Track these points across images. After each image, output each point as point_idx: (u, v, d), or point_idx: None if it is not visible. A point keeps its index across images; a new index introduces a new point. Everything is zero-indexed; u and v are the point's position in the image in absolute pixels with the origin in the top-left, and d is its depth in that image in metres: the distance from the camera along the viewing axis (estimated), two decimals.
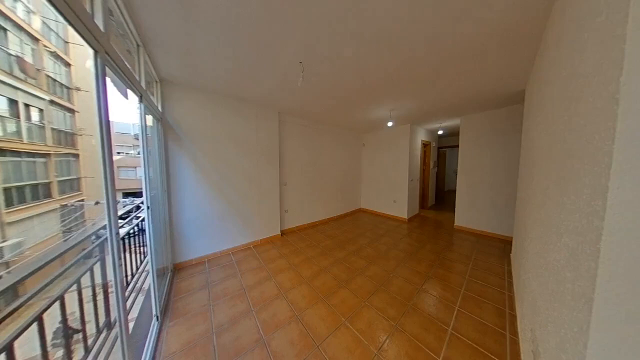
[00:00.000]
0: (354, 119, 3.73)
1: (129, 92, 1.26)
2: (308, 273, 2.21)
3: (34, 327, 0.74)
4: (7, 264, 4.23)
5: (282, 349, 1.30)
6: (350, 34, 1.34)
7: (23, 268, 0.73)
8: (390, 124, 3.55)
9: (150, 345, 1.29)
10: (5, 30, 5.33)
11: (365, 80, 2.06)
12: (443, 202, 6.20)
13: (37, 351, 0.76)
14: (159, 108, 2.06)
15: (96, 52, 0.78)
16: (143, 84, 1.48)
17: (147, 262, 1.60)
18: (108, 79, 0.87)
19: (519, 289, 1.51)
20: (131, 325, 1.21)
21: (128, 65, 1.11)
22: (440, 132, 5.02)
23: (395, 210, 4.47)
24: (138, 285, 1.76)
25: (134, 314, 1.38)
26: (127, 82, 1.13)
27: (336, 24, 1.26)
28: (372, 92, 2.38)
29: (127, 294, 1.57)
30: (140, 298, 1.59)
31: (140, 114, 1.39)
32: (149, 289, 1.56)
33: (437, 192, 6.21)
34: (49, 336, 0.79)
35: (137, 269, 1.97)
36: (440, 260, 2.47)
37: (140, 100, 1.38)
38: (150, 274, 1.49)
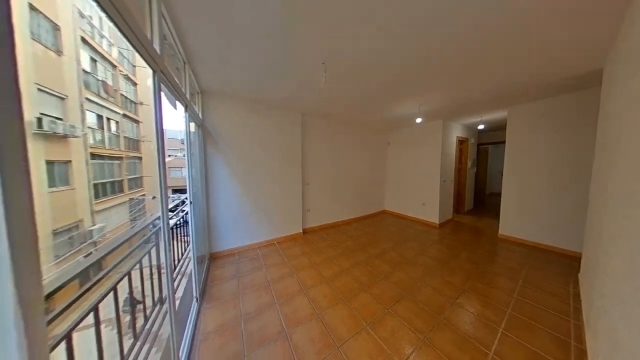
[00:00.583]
0: (378, 116, 3.58)
1: (177, 103, 1.47)
2: (329, 273, 2.21)
3: (111, 295, 0.94)
4: (95, 243, 5.41)
5: (303, 344, 1.33)
6: (376, 27, 1.29)
7: (104, 247, 0.92)
8: (419, 120, 3.29)
9: (191, 322, 1.48)
10: (95, 60, 6.84)
11: (393, 75, 1.96)
12: (483, 206, 5.44)
13: (113, 314, 0.95)
14: (200, 116, 2.34)
15: (154, 72, 0.94)
16: (188, 96, 1.71)
17: (190, 250, 1.85)
18: (162, 93, 1.04)
19: (591, 317, 1.23)
20: (177, 303, 1.42)
21: (177, 81, 1.30)
22: (480, 127, 4.42)
23: (424, 214, 4.13)
24: (183, 269, 2.04)
25: (179, 294, 1.61)
26: (176, 95, 1.33)
27: (361, 22, 1.23)
28: (400, 86, 2.24)
29: (174, 275, 1.83)
30: (184, 281, 1.84)
31: (185, 121, 1.61)
32: (190, 273, 1.79)
33: (476, 195, 5.45)
34: (120, 303, 0.98)
35: (182, 255, 2.29)
36: (479, 273, 2.18)
37: (186, 110, 1.60)
38: (192, 260, 1.71)
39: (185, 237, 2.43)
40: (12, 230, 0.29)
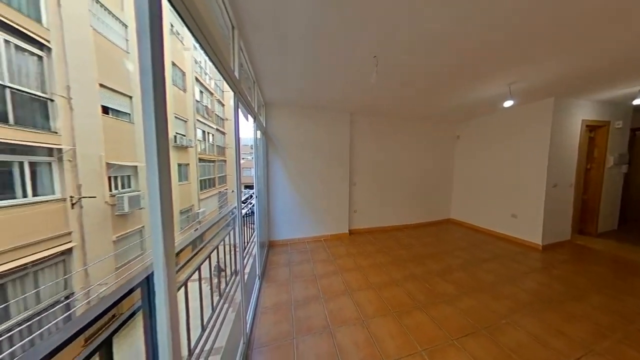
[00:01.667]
0: (444, 106, 3.00)
1: (249, 116, 1.82)
2: (376, 280, 2.08)
3: (207, 261, 1.29)
4: (199, 222, 7.57)
5: (347, 346, 1.32)
6: (439, 4, 1.09)
7: (204, 226, 1.28)
8: (508, 103, 2.48)
9: (254, 295, 1.79)
10: (202, 92, 9.59)
11: (464, 54, 1.59)
12: (638, 226, 3.42)
13: (207, 275, 1.31)
14: (264, 124, 2.79)
15: (234, 93, 1.21)
16: (256, 108, 2.07)
17: (255, 236, 2.26)
18: (239, 110, 1.32)
19: None
20: (246, 277, 1.76)
21: (248, 98, 1.61)
22: (636, 102, 2.77)
23: (514, 229, 3.09)
24: (250, 251, 2.51)
25: (247, 270, 1.99)
26: (248, 109, 1.64)
27: (417, 6, 1.07)
28: (480, 63, 1.78)
29: (244, 254, 2.28)
30: (251, 260, 2.26)
31: (254, 130, 1.97)
32: (255, 255, 2.18)
33: (623, 209, 3.49)
34: (211, 268, 1.33)
35: (249, 239, 2.82)
36: (628, 332, 1.40)
37: (254, 121, 1.95)
38: (256, 244, 2.07)
39: (252, 225, 2.97)
40: (163, 208, 0.46)
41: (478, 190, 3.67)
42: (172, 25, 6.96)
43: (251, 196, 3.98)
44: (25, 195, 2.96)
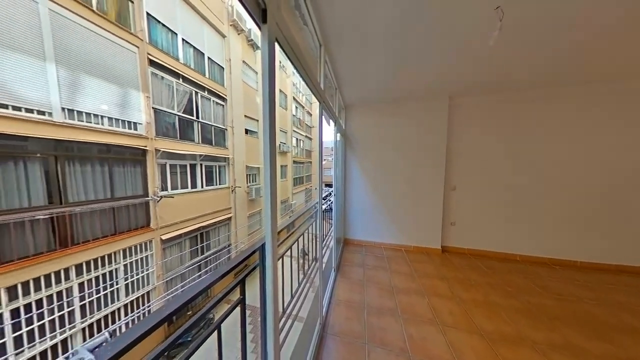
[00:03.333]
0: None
1: (330, 120, 2.00)
2: (488, 326, 1.48)
3: (295, 244, 1.60)
4: (292, 211, 9.56)
5: None
6: None
7: (295, 215, 1.59)
8: None
9: (330, 286, 1.96)
10: (296, 107, 11.96)
11: None
12: None
13: (295, 255, 1.62)
14: (343, 126, 2.94)
15: (320, 103, 1.38)
16: (336, 113, 2.24)
17: (332, 230, 2.47)
18: (323, 116, 1.49)
19: None
20: (323, 265, 1.97)
21: (330, 104, 1.77)
22: None
23: None
24: (327, 243, 2.77)
25: (325, 259, 2.22)
26: (330, 114, 1.81)
27: None
28: None
29: (322, 245, 2.56)
30: (328, 252, 2.49)
31: (334, 133, 2.14)
32: (332, 248, 2.37)
33: None
34: (298, 251, 1.64)
35: (328, 232, 3.11)
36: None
37: (335, 124, 2.11)
38: (333, 238, 2.24)
39: (330, 220, 3.26)
40: (272, 197, 0.63)
41: None
42: (280, 62, 9.28)
43: (330, 194, 4.34)
44: (216, 184, 5.52)
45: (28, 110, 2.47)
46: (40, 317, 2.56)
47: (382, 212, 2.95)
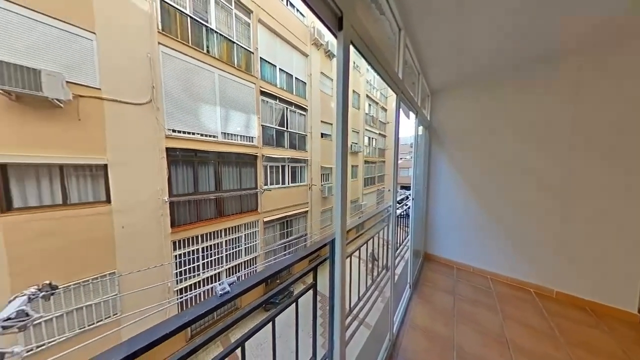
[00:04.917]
0: None
1: (410, 113, 1.73)
2: None
3: (364, 247, 1.54)
4: (362, 211, 9.36)
5: None
6: None
7: (365, 216, 1.54)
8: None
9: (404, 302, 1.70)
10: (369, 105, 11.48)
11: None
12: None
13: (364, 258, 1.56)
14: (428, 118, 2.43)
15: (397, 95, 1.23)
16: (419, 102, 1.89)
17: (408, 240, 2.12)
18: (400, 110, 1.32)
19: None
20: (396, 277, 1.75)
21: (411, 94, 1.52)
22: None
23: None
24: (402, 253, 2.43)
25: (397, 271, 1.96)
26: (410, 106, 1.56)
27: None
28: None
29: (395, 254, 2.28)
30: (402, 264, 2.18)
31: (415, 126, 1.82)
32: (407, 260, 2.05)
33: None
34: (367, 254, 1.57)
35: (402, 241, 2.72)
36: None
37: (416, 116, 1.80)
38: (409, 250, 1.93)
39: (406, 228, 2.83)
40: (343, 198, 0.65)
41: None
42: (354, 62, 9.36)
43: (407, 197, 3.78)
44: (298, 181, 6.70)
45: (210, 136, 4.31)
46: (210, 256, 4.43)
47: (492, 230, 2.12)
